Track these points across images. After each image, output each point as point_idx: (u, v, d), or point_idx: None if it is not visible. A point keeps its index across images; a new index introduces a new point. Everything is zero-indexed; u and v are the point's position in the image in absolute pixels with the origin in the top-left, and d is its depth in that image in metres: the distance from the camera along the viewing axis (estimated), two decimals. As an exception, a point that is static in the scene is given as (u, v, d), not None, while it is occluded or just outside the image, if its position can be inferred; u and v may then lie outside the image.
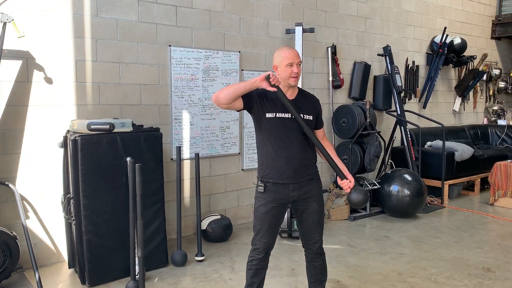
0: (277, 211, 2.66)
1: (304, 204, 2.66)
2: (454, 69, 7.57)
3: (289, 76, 2.56)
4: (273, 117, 2.59)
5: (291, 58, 2.56)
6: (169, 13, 4.34)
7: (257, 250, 2.69)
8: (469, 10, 7.72)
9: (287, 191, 2.61)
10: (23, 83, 3.62)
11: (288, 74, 2.56)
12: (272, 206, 2.63)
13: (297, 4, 5.32)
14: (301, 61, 2.64)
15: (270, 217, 2.65)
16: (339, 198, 5.24)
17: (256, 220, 2.69)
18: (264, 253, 2.69)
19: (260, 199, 2.65)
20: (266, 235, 2.67)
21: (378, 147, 5.38)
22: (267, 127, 2.61)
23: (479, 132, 7.71)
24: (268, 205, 2.63)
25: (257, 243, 2.69)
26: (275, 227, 2.71)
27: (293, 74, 2.56)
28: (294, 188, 2.61)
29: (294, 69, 2.55)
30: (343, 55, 5.85)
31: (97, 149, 3.36)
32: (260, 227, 2.67)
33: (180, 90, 4.45)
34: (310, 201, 2.66)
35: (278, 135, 2.59)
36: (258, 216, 2.67)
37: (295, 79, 2.59)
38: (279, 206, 2.66)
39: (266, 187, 2.62)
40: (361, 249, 4.23)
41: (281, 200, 2.64)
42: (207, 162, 4.70)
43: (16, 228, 3.53)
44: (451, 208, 5.81)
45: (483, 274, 3.66)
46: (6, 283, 3.35)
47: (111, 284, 3.44)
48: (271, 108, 2.59)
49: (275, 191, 2.62)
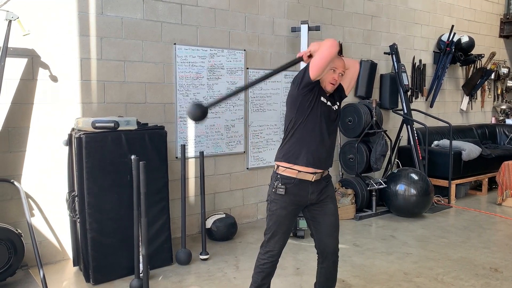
0: (295, 214, 2.65)
1: (320, 206, 2.63)
2: (462, 68, 7.51)
3: (328, 81, 2.56)
4: (325, 102, 2.57)
5: (337, 64, 2.55)
6: (174, 11, 4.33)
7: (270, 253, 2.63)
8: (477, 8, 7.65)
9: (306, 193, 2.57)
10: (29, 81, 3.62)
11: (329, 78, 2.56)
12: (292, 209, 2.60)
13: (303, 2, 5.30)
14: (344, 72, 2.60)
15: (289, 219, 2.62)
16: (345, 197, 5.21)
17: (273, 223, 2.61)
18: (278, 256, 2.66)
19: (280, 201, 2.58)
20: (282, 238, 2.64)
21: (384, 146, 5.34)
22: (318, 113, 2.54)
23: (486, 131, 7.64)
24: (289, 208, 2.59)
25: (272, 247, 2.63)
26: (290, 229, 2.71)
27: (332, 80, 2.56)
28: (313, 191, 2.58)
29: (335, 76, 2.56)
30: (349, 54, 5.81)
31: (102, 147, 3.36)
32: (277, 230, 2.61)
33: (185, 89, 4.45)
34: (326, 202, 2.63)
35: (326, 123, 2.57)
36: (276, 219, 2.60)
37: (332, 86, 2.59)
38: (298, 208, 2.64)
39: (288, 189, 2.55)
40: (367, 249, 4.20)
41: (300, 202, 2.61)
42: (212, 160, 4.69)
43: (21, 226, 3.54)
44: (458, 208, 5.76)
45: (491, 274, 3.61)
46: (11, 280, 3.36)
47: (115, 282, 3.44)
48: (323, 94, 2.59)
49: (296, 193, 2.57)
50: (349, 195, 5.22)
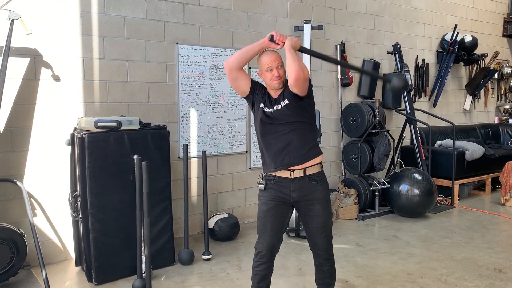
0: (279, 211, 2.61)
1: (306, 206, 2.60)
2: (465, 67, 7.48)
3: (271, 80, 2.57)
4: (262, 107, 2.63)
5: (269, 62, 2.56)
6: (177, 11, 4.32)
7: (260, 254, 2.61)
8: (480, 7, 7.62)
9: (288, 190, 2.57)
10: (31, 81, 3.62)
11: (270, 78, 2.57)
12: (274, 204, 2.59)
13: (306, 1, 5.28)
14: (281, 62, 2.59)
15: (272, 216, 2.59)
16: (348, 197, 5.19)
17: (258, 221, 2.65)
18: (268, 257, 2.62)
19: (261, 197, 2.64)
20: (269, 237, 2.59)
21: (387, 146, 5.33)
22: (258, 120, 2.65)
23: (490, 131, 7.61)
24: (270, 203, 2.59)
25: (260, 247, 2.61)
26: (278, 228, 2.63)
27: (273, 78, 2.56)
28: (294, 188, 2.56)
29: (274, 73, 2.56)
30: (352, 53, 5.79)
31: (104, 147, 3.35)
32: (262, 228, 2.61)
33: (188, 88, 4.44)
34: (313, 204, 2.59)
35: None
36: (260, 216, 2.64)
37: (278, 81, 2.57)
38: (281, 205, 2.61)
39: (267, 185, 2.60)
40: (370, 249, 4.19)
41: (281, 198, 2.59)
42: (214, 160, 4.68)
43: (24, 226, 3.54)
44: (461, 208, 5.73)
45: (495, 275, 3.59)
46: (14, 280, 3.35)
47: (117, 282, 3.44)
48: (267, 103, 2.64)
49: (276, 189, 2.58)
50: (352, 195, 5.20)
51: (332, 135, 5.67)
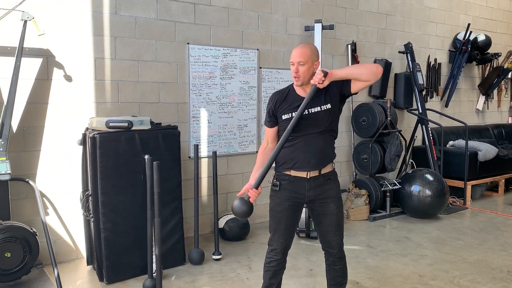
0: (294, 210, 2.62)
1: (321, 205, 2.59)
2: (478, 67, 7.39)
3: (292, 75, 2.54)
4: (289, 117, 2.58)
5: (292, 56, 2.52)
6: (188, 11, 4.32)
7: (274, 251, 2.64)
8: (493, 6, 7.51)
9: (303, 189, 2.56)
10: (43, 81, 3.65)
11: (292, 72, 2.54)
12: (288, 205, 2.58)
13: (317, 1, 5.25)
14: (304, 60, 2.48)
15: (286, 216, 2.60)
16: (359, 198, 5.16)
17: (272, 219, 2.65)
18: (282, 254, 2.64)
19: (275, 197, 2.63)
20: (283, 235, 2.62)
21: (399, 146, 5.28)
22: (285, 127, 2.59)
23: (503, 131, 7.51)
24: (284, 203, 2.58)
25: (274, 244, 2.63)
26: (292, 226, 2.66)
27: (293, 73, 2.53)
28: (310, 187, 2.56)
29: (293, 69, 2.51)
30: (364, 53, 5.75)
31: (116, 146, 3.37)
32: (276, 227, 2.62)
33: (198, 88, 4.44)
34: (327, 202, 2.59)
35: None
36: (273, 215, 2.63)
37: (296, 78, 2.52)
38: (295, 205, 2.61)
39: (282, 185, 2.59)
40: (381, 250, 4.15)
41: (296, 198, 2.58)
42: (225, 160, 4.68)
43: (36, 225, 3.57)
44: (474, 209, 5.67)
45: (508, 278, 3.54)
46: (26, 279, 3.38)
47: (128, 281, 3.45)
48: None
49: (290, 189, 2.57)
50: (363, 196, 5.17)
51: (343, 135, 5.63)
